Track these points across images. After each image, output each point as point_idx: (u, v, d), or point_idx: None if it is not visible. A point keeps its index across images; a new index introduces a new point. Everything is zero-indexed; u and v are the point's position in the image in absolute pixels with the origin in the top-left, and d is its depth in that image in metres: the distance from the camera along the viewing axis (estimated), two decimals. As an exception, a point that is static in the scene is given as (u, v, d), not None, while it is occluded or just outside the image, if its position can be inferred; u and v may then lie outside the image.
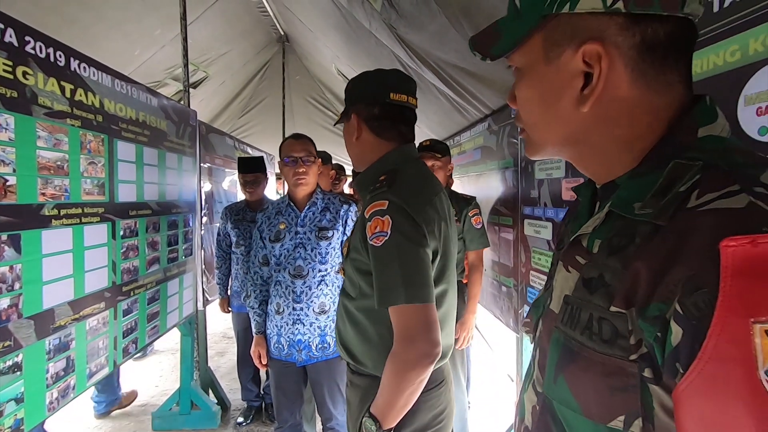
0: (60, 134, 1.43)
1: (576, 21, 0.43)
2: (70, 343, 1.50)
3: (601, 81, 0.43)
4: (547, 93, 0.47)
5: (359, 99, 1.08)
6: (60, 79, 1.43)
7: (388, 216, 0.91)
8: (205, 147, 2.89)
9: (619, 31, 0.41)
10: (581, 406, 0.43)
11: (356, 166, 1.16)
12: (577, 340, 0.44)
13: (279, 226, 1.71)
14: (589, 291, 0.44)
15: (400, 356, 0.90)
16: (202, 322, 2.77)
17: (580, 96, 0.44)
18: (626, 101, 0.43)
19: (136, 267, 1.92)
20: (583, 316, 0.44)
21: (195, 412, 2.58)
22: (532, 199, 1.89)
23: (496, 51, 0.50)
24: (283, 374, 1.77)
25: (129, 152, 1.85)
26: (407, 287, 0.88)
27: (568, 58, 0.44)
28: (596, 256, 0.45)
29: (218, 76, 4.34)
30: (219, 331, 4.50)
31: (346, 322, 1.08)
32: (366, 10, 2.29)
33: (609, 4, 0.40)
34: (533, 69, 0.48)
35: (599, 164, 0.49)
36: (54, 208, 1.41)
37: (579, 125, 0.46)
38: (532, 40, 0.47)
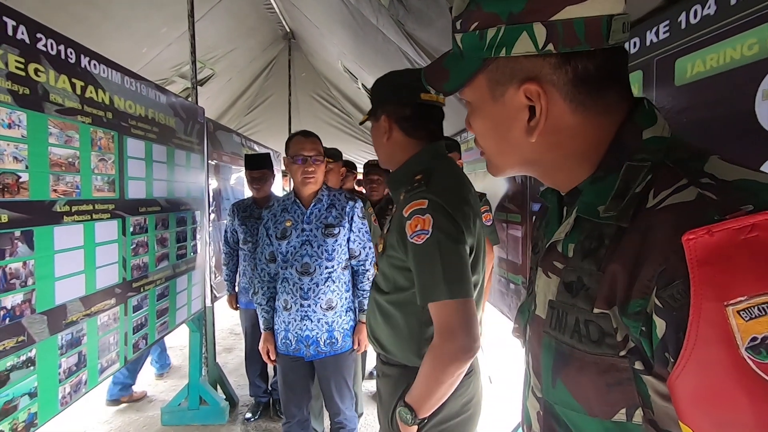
0: (71, 131, 1.44)
1: (513, 63, 0.47)
2: (82, 339, 1.52)
3: (543, 115, 0.46)
4: (497, 126, 0.51)
5: (389, 99, 1.09)
6: (71, 76, 1.44)
7: (429, 215, 0.93)
8: (213, 144, 2.90)
9: (553, 70, 0.45)
10: (584, 407, 0.45)
11: (385, 165, 1.18)
12: (567, 343, 0.46)
13: (285, 224, 1.71)
14: (571, 294, 0.46)
15: (440, 349, 0.92)
16: (210, 319, 2.79)
17: (527, 127, 0.48)
18: (570, 127, 0.47)
19: (146, 263, 1.94)
20: (569, 319, 0.46)
21: (203, 408, 2.60)
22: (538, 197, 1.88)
23: (447, 88, 0.54)
24: (290, 369, 1.78)
25: (138, 149, 1.86)
26: (448, 284, 0.91)
27: (512, 96, 0.48)
28: (572, 260, 0.47)
29: (224, 73, 4.35)
30: (226, 328, 4.53)
31: (377, 315, 1.11)
32: (373, 6, 2.28)
33: (541, 47, 0.44)
34: (482, 105, 0.52)
35: (559, 177, 0.52)
36: (66, 205, 1.42)
37: (531, 151, 0.50)
38: (477, 79, 0.50)
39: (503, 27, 0.45)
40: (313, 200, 1.73)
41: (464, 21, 0.49)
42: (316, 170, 1.68)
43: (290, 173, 1.72)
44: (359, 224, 1.79)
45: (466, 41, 0.49)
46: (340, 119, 5.78)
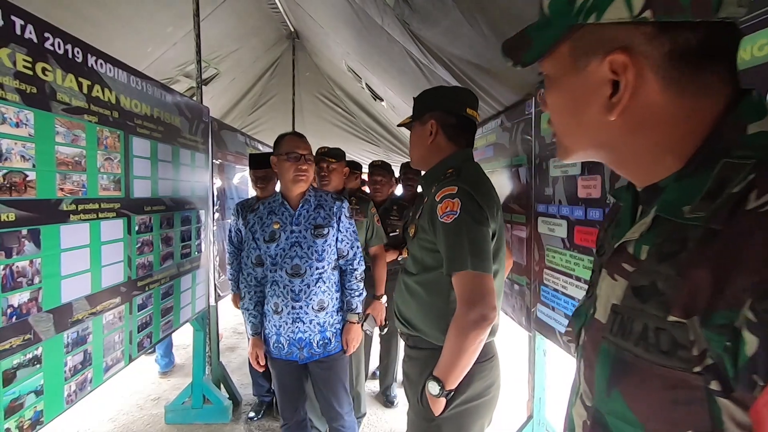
0: (77, 130, 1.45)
1: (602, 31, 0.43)
2: (88, 337, 1.52)
3: (628, 90, 0.42)
4: (575, 101, 0.47)
5: (439, 108, 1.25)
6: (78, 76, 1.44)
7: (458, 198, 1.08)
8: (217, 143, 2.90)
9: (647, 40, 0.40)
10: (641, 421, 0.41)
11: (417, 164, 1.34)
12: (631, 351, 0.42)
13: (273, 226, 1.70)
14: (641, 300, 0.42)
15: (462, 318, 1.04)
16: (214, 318, 2.79)
17: (608, 103, 0.44)
18: (659, 108, 0.42)
19: (151, 262, 1.94)
20: (636, 326, 0.42)
21: (207, 407, 2.61)
22: (546, 196, 1.87)
23: (526, 58, 0.50)
24: (284, 373, 1.76)
25: (144, 148, 1.86)
26: (472, 257, 1.05)
27: (595, 67, 0.44)
28: (645, 263, 0.43)
29: (228, 73, 4.36)
30: (229, 327, 4.53)
31: (406, 295, 1.25)
32: (378, 5, 2.28)
33: (636, 14, 0.39)
34: (562, 77, 0.48)
35: (637, 168, 0.48)
36: (72, 203, 1.42)
37: (609, 132, 0.46)
38: (560, 48, 0.47)
39: None
40: (301, 201, 1.72)
41: None
42: (309, 169, 1.68)
43: (280, 172, 1.70)
44: (346, 224, 1.78)
45: (554, 6, 0.46)
46: (344, 119, 5.78)
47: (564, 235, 1.71)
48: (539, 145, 1.94)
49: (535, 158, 1.98)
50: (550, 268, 1.84)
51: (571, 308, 1.65)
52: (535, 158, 1.98)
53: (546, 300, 1.89)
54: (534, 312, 2.02)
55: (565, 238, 1.71)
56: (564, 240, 1.72)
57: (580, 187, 1.59)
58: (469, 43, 1.92)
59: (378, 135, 5.85)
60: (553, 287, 1.81)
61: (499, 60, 1.91)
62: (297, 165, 1.65)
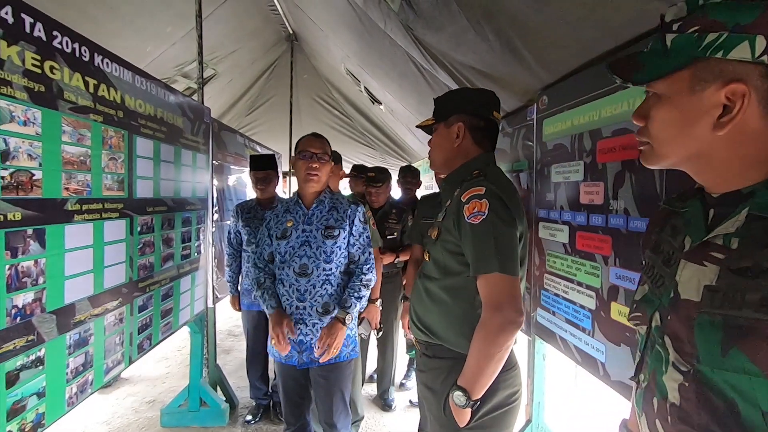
0: (83, 129, 1.44)
1: (724, 65, 0.54)
2: (89, 339, 1.50)
3: (741, 113, 0.53)
4: (686, 116, 0.58)
5: (466, 111, 1.23)
6: (84, 75, 1.44)
7: (486, 199, 1.06)
8: (217, 144, 2.89)
9: (760, 77, 0.52)
10: (763, 370, 0.49)
11: (439, 166, 1.32)
12: (748, 317, 0.51)
13: (286, 224, 1.71)
14: (747, 277, 0.52)
15: (488, 322, 1.02)
16: (212, 320, 2.77)
17: (717, 122, 0.55)
18: (756, 130, 0.54)
19: (152, 263, 1.93)
20: (750, 296, 0.51)
21: (204, 410, 2.59)
22: (547, 202, 1.89)
23: (638, 78, 0.61)
24: (288, 377, 1.74)
25: (147, 148, 1.86)
26: (500, 259, 1.02)
27: (712, 93, 0.55)
28: (741, 251, 0.53)
29: (226, 73, 4.35)
30: (225, 329, 4.50)
31: (426, 301, 1.21)
32: (382, 10, 2.29)
33: (757, 56, 0.51)
34: (676, 96, 0.59)
35: (720, 176, 0.59)
36: (77, 203, 1.41)
37: (708, 144, 0.58)
38: (679, 74, 0.57)
39: (726, 34, 0.52)
40: (315, 201, 1.72)
41: (684, 24, 0.57)
42: (321, 168, 1.68)
43: (295, 170, 1.72)
44: (360, 228, 1.77)
45: (678, 41, 0.57)
46: (342, 122, 5.79)
47: (566, 240, 1.73)
48: (540, 150, 1.96)
49: (537, 164, 2.01)
50: (551, 272, 1.86)
51: (572, 313, 1.67)
52: (537, 164, 2.01)
53: (546, 305, 1.91)
54: (534, 316, 2.04)
55: (566, 244, 1.73)
56: (566, 245, 1.74)
57: (583, 193, 1.61)
58: (473, 49, 1.94)
59: (375, 138, 5.87)
60: (554, 292, 1.83)
61: (503, 66, 1.94)
62: (309, 164, 1.66)
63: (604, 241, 1.48)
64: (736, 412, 0.52)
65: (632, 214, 1.34)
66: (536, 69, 1.78)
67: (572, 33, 1.43)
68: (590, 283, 1.55)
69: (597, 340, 1.50)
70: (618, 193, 1.41)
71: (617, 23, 1.25)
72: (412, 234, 2.58)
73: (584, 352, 1.59)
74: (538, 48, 1.65)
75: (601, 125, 1.48)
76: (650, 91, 0.62)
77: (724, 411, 0.53)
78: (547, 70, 1.76)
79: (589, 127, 1.56)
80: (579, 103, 1.62)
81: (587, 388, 3.07)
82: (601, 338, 1.48)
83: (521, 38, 1.64)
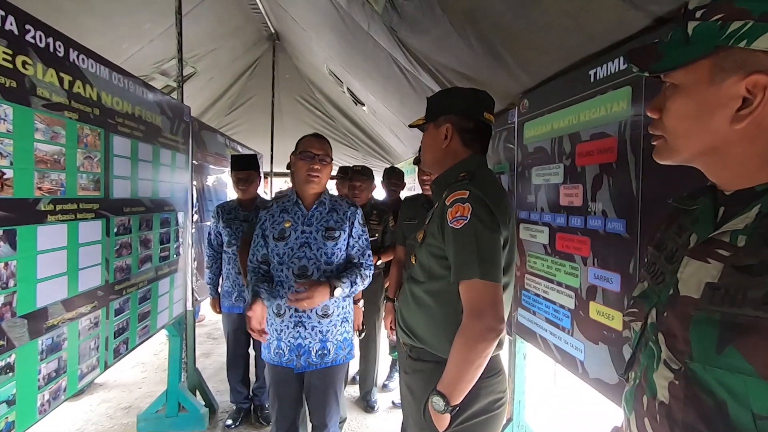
0: (57, 127, 1.39)
1: (747, 55, 0.51)
2: (63, 344, 1.45)
3: (761, 106, 0.51)
4: (704, 108, 0.56)
5: (455, 111, 1.20)
6: (59, 70, 1.39)
7: (469, 203, 1.03)
8: (197, 144, 2.83)
9: None
10: (759, 370, 0.48)
11: (430, 167, 1.29)
12: (748, 315, 0.50)
13: (284, 224, 1.67)
14: (751, 274, 0.51)
15: (468, 329, 1.00)
16: (191, 323, 2.72)
17: (734, 115, 0.53)
18: None
19: (129, 265, 1.88)
20: (752, 294, 0.50)
21: (182, 415, 2.53)
22: (528, 203, 1.92)
23: (657, 67, 0.59)
24: (282, 381, 1.70)
25: (124, 147, 1.81)
26: (482, 265, 1.00)
27: (732, 83, 0.52)
28: (747, 248, 0.52)
29: (206, 72, 4.27)
30: (204, 332, 4.41)
31: (412, 305, 1.19)
32: (366, 12, 2.30)
33: None
34: (695, 87, 0.56)
35: (734, 173, 0.57)
36: (50, 203, 1.36)
37: (724, 139, 0.55)
38: (699, 63, 0.55)
39: (752, 22, 0.50)
40: (315, 203, 1.69)
41: (708, 11, 0.54)
42: (322, 170, 1.65)
43: (295, 171, 1.68)
44: (359, 230, 1.76)
45: (700, 29, 0.55)
46: (324, 123, 5.76)
47: (546, 241, 1.77)
48: (522, 153, 2.00)
49: (518, 166, 2.04)
50: (532, 273, 1.89)
51: (552, 312, 1.70)
52: (518, 166, 2.04)
53: (527, 304, 1.94)
54: (515, 316, 2.07)
55: (546, 245, 1.77)
56: (546, 246, 1.77)
57: (562, 195, 1.65)
58: (456, 52, 1.96)
59: (358, 139, 5.86)
60: (534, 292, 1.86)
61: (485, 69, 1.96)
62: (310, 165, 1.63)
63: (583, 242, 1.51)
64: (725, 412, 0.52)
65: (609, 216, 1.38)
66: (518, 73, 1.82)
67: (553, 39, 1.46)
68: (569, 283, 1.59)
69: (576, 339, 1.54)
70: (596, 195, 1.45)
71: (597, 30, 1.29)
72: (397, 235, 2.59)
73: (564, 351, 1.62)
74: (519, 53, 1.68)
75: (580, 129, 1.52)
76: (667, 82, 0.60)
77: (712, 410, 0.53)
78: (528, 74, 1.80)
79: (569, 131, 1.60)
80: (559, 107, 1.66)
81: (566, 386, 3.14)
82: (580, 337, 1.52)
83: (503, 43, 1.67)
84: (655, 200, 1.19)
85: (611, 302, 1.35)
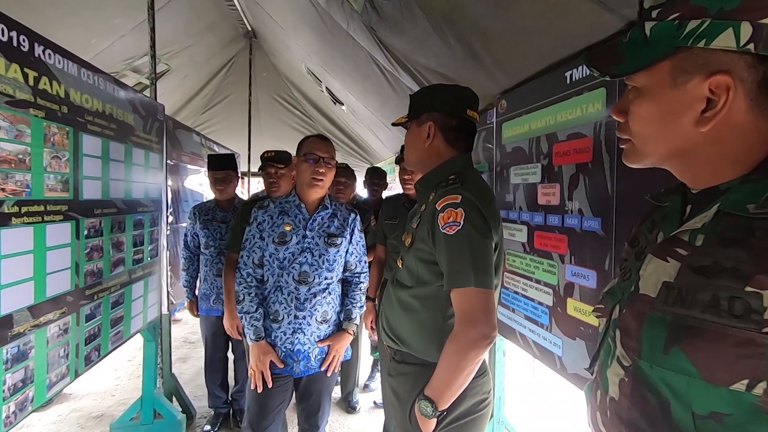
0: (22, 125, 1.32)
1: (708, 55, 0.50)
2: (29, 352, 1.39)
3: (726, 108, 0.50)
4: (668, 111, 0.54)
5: (438, 109, 1.16)
6: (23, 66, 1.32)
7: (461, 209, 1.01)
8: (172, 143, 2.76)
9: (746, 67, 0.49)
10: (701, 373, 0.48)
11: (414, 166, 1.26)
12: (695, 317, 0.49)
13: (284, 228, 1.61)
14: (704, 276, 0.50)
15: (462, 336, 0.99)
16: (166, 327, 2.64)
17: (699, 117, 0.52)
18: (741, 125, 0.51)
19: (101, 269, 1.81)
20: (701, 296, 0.49)
21: (158, 422, 2.45)
22: (507, 203, 1.95)
23: (618, 70, 0.56)
24: (272, 391, 1.61)
25: (95, 147, 1.74)
26: (476, 272, 0.98)
27: (695, 85, 0.51)
28: (704, 248, 0.51)
29: (181, 69, 4.17)
30: (180, 336, 4.30)
31: (397, 309, 1.17)
32: (345, 10, 2.28)
33: (742, 45, 0.47)
34: (657, 90, 0.55)
35: (702, 173, 0.56)
36: (14, 205, 1.30)
37: (691, 141, 0.54)
38: (660, 65, 0.53)
39: (709, 20, 0.48)
40: (319, 207, 1.65)
41: (664, 11, 0.52)
42: (326, 173, 1.60)
43: (297, 173, 1.63)
44: (357, 237, 1.74)
45: (657, 29, 0.53)
46: (302, 122, 5.70)
47: (524, 240, 1.80)
48: (500, 153, 2.03)
49: (497, 166, 2.07)
50: (511, 271, 1.92)
51: (531, 309, 1.73)
52: (497, 166, 2.07)
53: (506, 302, 1.97)
54: (495, 313, 2.10)
55: (525, 243, 1.80)
56: (524, 245, 1.80)
57: (540, 194, 1.68)
58: (436, 52, 1.97)
59: (337, 139, 5.82)
60: (514, 290, 1.89)
61: (464, 70, 1.98)
62: (314, 168, 1.57)
63: (561, 240, 1.55)
64: (667, 411, 0.52)
65: (586, 215, 1.41)
66: (496, 74, 1.84)
67: (530, 41, 1.48)
68: (547, 280, 1.62)
69: (554, 335, 1.57)
70: (573, 194, 1.48)
71: (572, 33, 1.32)
72: (377, 234, 2.59)
73: (542, 347, 1.65)
74: (497, 54, 1.70)
75: (557, 129, 1.55)
76: (630, 85, 0.58)
77: (655, 409, 0.53)
78: (507, 75, 1.82)
79: (546, 131, 1.63)
80: (536, 107, 1.69)
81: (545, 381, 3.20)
82: (558, 333, 1.55)
83: (482, 44, 1.68)
84: (629, 199, 1.22)
85: (588, 298, 1.38)
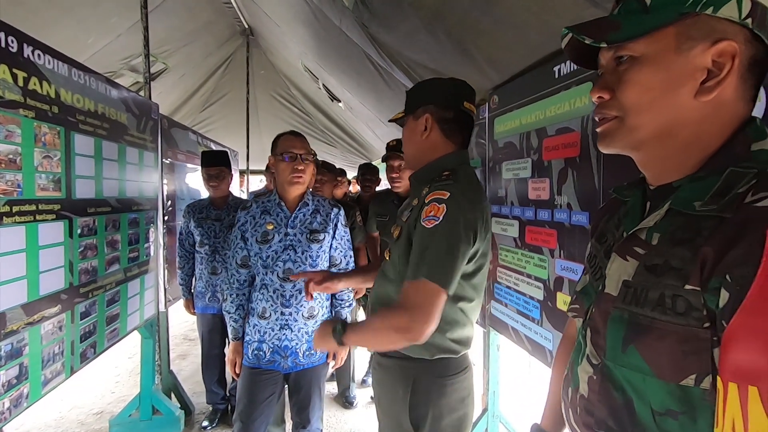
0: (12, 126, 1.34)
1: (714, 23, 0.49)
2: (23, 349, 1.40)
3: (731, 75, 0.49)
4: (671, 78, 0.52)
5: (434, 101, 1.14)
6: (12, 66, 1.33)
7: (445, 205, 0.98)
8: (167, 142, 2.77)
9: (744, 41, 0.49)
10: (654, 370, 0.49)
11: (410, 161, 1.23)
12: (646, 315, 0.51)
13: (266, 227, 1.62)
14: (655, 274, 0.51)
15: (394, 316, 0.97)
16: (164, 324, 2.66)
17: (700, 88, 0.50)
18: (727, 102, 0.50)
19: (95, 267, 1.82)
20: (651, 295, 0.51)
21: (157, 418, 2.48)
22: (499, 198, 1.95)
23: (616, 36, 0.53)
24: (257, 384, 1.63)
25: (87, 146, 1.75)
26: (433, 267, 0.95)
27: (699, 53, 0.50)
28: (658, 247, 0.52)
29: (178, 68, 4.17)
30: (180, 333, 4.33)
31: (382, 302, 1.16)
32: (337, 7, 2.28)
33: (742, 17, 0.48)
34: (661, 56, 0.52)
35: (663, 167, 0.56)
36: (5, 205, 1.31)
37: (683, 115, 0.52)
38: (663, 32, 0.51)
39: None
40: (299, 204, 1.65)
41: None
42: (305, 170, 1.60)
43: (276, 172, 1.63)
44: (342, 231, 1.74)
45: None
46: (300, 119, 5.70)
47: (516, 234, 1.80)
48: (492, 148, 2.03)
49: (489, 161, 2.07)
50: (503, 266, 1.93)
51: (523, 304, 1.74)
52: (489, 161, 2.07)
53: (499, 297, 1.98)
54: (488, 309, 2.10)
55: (516, 238, 1.80)
56: (516, 239, 1.81)
57: (531, 189, 1.68)
58: (426, 48, 1.97)
59: (335, 136, 5.83)
60: (506, 284, 1.90)
61: (455, 66, 1.98)
62: (293, 165, 1.57)
63: (550, 234, 1.55)
64: (632, 408, 0.53)
65: (574, 209, 1.41)
66: (487, 69, 1.84)
67: (518, 36, 1.48)
68: (538, 275, 1.62)
69: (545, 329, 1.58)
70: (562, 188, 1.48)
71: (559, 27, 1.31)
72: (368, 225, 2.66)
73: (534, 341, 1.66)
74: (487, 49, 1.70)
75: (547, 124, 1.55)
76: (625, 55, 0.55)
77: (620, 406, 0.54)
78: (497, 70, 1.82)
79: (536, 126, 1.63)
80: (526, 102, 1.69)
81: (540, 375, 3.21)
82: (548, 327, 1.56)
83: (471, 39, 1.68)
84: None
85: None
